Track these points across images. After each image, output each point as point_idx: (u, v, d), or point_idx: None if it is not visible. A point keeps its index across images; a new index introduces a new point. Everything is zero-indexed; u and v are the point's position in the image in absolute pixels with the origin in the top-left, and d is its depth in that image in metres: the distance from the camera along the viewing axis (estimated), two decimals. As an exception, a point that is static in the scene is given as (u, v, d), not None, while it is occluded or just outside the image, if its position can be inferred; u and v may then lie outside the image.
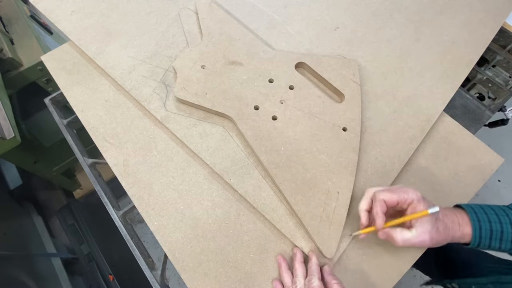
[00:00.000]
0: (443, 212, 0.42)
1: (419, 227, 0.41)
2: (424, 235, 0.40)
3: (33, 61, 0.93)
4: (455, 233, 0.42)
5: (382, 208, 0.42)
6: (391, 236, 0.42)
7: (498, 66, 0.75)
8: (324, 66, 0.61)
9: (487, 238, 0.41)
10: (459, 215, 0.43)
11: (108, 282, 1.11)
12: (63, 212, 1.28)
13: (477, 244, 0.42)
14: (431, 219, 0.41)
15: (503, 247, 0.41)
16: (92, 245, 1.19)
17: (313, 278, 0.42)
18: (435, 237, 0.41)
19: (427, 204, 0.41)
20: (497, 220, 0.41)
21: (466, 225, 0.42)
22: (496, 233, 0.41)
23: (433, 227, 0.40)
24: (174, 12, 0.71)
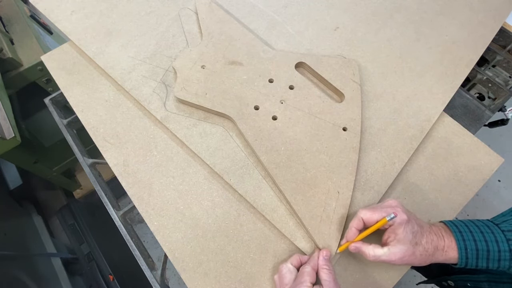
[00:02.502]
0: (429, 236, 0.42)
1: (393, 247, 0.41)
2: (394, 256, 0.41)
3: (33, 61, 0.93)
4: (437, 258, 0.42)
5: (357, 224, 0.44)
6: (363, 251, 0.43)
7: (498, 66, 0.75)
8: (324, 66, 0.61)
9: (473, 258, 0.40)
10: (446, 239, 0.42)
11: (108, 282, 1.12)
12: (63, 212, 1.28)
13: (464, 264, 0.41)
14: (410, 242, 0.41)
15: (490, 266, 0.40)
16: (92, 245, 1.19)
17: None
18: (408, 259, 0.41)
19: (411, 226, 0.41)
20: (482, 238, 0.40)
21: (451, 250, 0.41)
22: (482, 253, 0.40)
23: (407, 250, 0.40)
24: (174, 12, 0.71)
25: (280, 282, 0.43)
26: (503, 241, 0.40)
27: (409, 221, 0.41)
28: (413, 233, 0.41)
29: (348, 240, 0.45)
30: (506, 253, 0.39)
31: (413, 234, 0.41)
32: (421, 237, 0.41)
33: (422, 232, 0.42)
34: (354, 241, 0.44)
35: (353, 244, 0.44)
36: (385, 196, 0.52)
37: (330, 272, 0.42)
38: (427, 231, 0.42)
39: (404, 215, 0.42)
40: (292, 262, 0.44)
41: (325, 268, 0.42)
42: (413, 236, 0.41)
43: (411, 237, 0.41)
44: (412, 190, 0.53)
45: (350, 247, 0.44)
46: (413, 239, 0.41)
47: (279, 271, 0.44)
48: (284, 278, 0.42)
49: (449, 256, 0.41)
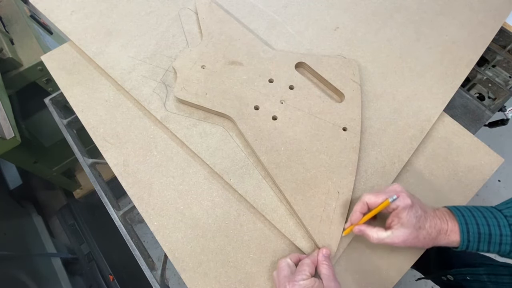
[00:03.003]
0: (433, 220, 0.42)
1: (396, 231, 0.42)
2: (397, 239, 0.42)
3: (33, 61, 0.93)
4: (440, 241, 0.42)
5: (361, 208, 0.45)
6: (366, 234, 0.44)
7: (498, 66, 0.75)
8: (324, 66, 0.61)
9: (475, 242, 0.41)
10: (450, 222, 0.42)
11: (108, 282, 1.12)
12: (63, 212, 1.28)
13: (465, 247, 0.42)
14: (413, 226, 0.41)
15: (491, 250, 0.41)
16: (92, 245, 1.19)
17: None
18: (411, 242, 0.42)
19: (415, 210, 0.42)
20: (484, 223, 0.41)
21: (453, 233, 0.42)
22: (484, 236, 0.41)
23: (411, 233, 0.41)
24: (174, 12, 0.71)
25: (278, 275, 0.42)
26: (505, 225, 0.40)
27: (413, 206, 0.42)
28: (417, 218, 0.42)
29: (352, 223, 0.46)
30: (508, 237, 0.40)
31: (416, 219, 0.42)
32: (424, 221, 0.42)
33: (425, 216, 0.42)
34: (358, 223, 0.45)
35: (357, 227, 0.45)
36: (385, 196, 0.52)
37: (329, 267, 0.42)
38: (430, 216, 0.43)
39: (408, 199, 0.42)
40: (291, 258, 0.44)
41: (325, 264, 0.42)
42: (416, 220, 0.41)
43: (414, 221, 0.41)
44: (412, 190, 0.53)
45: (354, 229, 0.45)
46: (416, 223, 0.41)
47: (278, 265, 0.44)
48: (282, 271, 0.42)
49: (451, 240, 0.42)
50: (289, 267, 0.42)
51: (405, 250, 0.49)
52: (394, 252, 0.49)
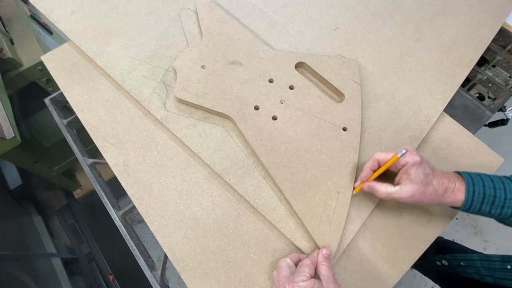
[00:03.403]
0: (440, 179, 0.44)
1: (404, 186, 0.43)
2: (404, 193, 0.43)
3: (33, 61, 0.93)
4: (445, 199, 0.44)
5: (372, 165, 0.47)
6: (376, 189, 0.46)
7: (498, 66, 0.74)
8: (324, 66, 0.61)
9: (478, 202, 0.42)
10: (457, 182, 0.44)
11: (108, 282, 1.12)
12: (63, 212, 1.28)
13: (468, 206, 0.43)
14: (421, 182, 0.43)
15: (492, 212, 0.43)
16: (92, 245, 1.19)
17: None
18: (418, 197, 0.43)
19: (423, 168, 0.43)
20: (491, 185, 0.43)
21: (460, 192, 0.43)
22: (488, 198, 0.42)
23: (418, 189, 0.43)
24: (174, 12, 0.71)
25: (278, 275, 0.43)
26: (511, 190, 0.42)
27: (421, 163, 0.43)
28: (425, 174, 0.43)
29: (362, 181, 0.48)
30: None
31: (424, 175, 0.43)
32: (432, 178, 0.43)
33: (433, 174, 0.44)
34: (368, 180, 0.47)
35: (367, 183, 0.47)
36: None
37: (329, 268, 0.42)
38: (438, 175, 0.44)
39: (417, 156, 0.44)
40: (291, 258, 0.44)
41: (324, 264, 0.42)
42: (424, 176, 0.43)
43: (422, 177, 0.43)
44: (412, 190, 0.53)
45: (364, 186, 0.47)
46: (424, 179, 0.43)
47: (278, 265, 0.44)
48: (282, 271, 0.42)
49: (457, 198, 0.43)
50: (289, 267, 0.42)
51: (405, 250, 0.49)
52: (394, 252, 0.49)
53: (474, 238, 1.40)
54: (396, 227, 0.50)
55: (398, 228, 0.50)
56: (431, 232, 0.50)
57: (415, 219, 0.51)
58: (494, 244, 1.38)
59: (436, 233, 0.50)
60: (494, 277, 0.50)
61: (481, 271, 0.52)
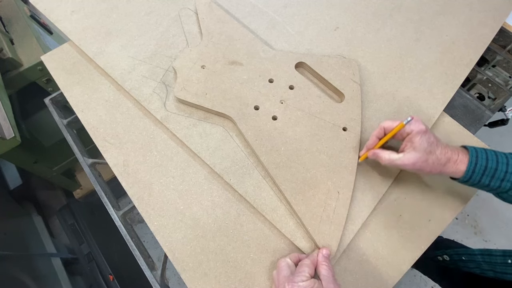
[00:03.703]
0: (444, 149, 0.44)
1: (407, 154, 0.44)
2: (407, 160, 0.44)
3: (33, 61, 0.93)
4: (447, 169, 0.44)
5: (378, 133, 0.48)
6: (379, 156, 0.47)
7: (498, 66, 0.75)
8: (324, 66, 0.61)
9: (479, 174, 0.43)
10: (461, 154, 0.44)
11: (108, 282, 1.12)
12: (63, 212, 1.28)
13: (469, 177, 0.44)
14: (425, 151, 0.44)
15: (492, 184, 0.43)
16: (92, 245, 1.19)
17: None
18: (420, 165, 0.44)
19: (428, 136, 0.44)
20: (494, 159, 0.43)
21: (462, 163, 0.44)
22: (489, 170, 0.43)
23: (421, 157, 0.43)
24: (174, 12, 0.71)
25: (278, 275, 0.42)
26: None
27: (426, 132, 0.44)
28: (429, 143, 0.44)
29: (368, 149, 0.49)
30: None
31: (428, 143, 0.44)
32: (436, 147, 0.44)
33: (437, 144, 0.45)
34: (374, 148, 0.48)
35: (372, 151, 0.48)
36: (385, 196, 0.52)
37: (329, 268, 0.42)
38: (443, 145, 0.45)
39: (422, 125, 0.45)
40: (291, 258, 0.44)
41: (324, 264, 0.42)
42: (428, 145, 0.44)
43: (426, 145, 0.44)
44: (412, 190, 0.53)
45: (369, 153, 0.49)
46: (427, 147, 0.44)
47: (278, 265, 0.44)
48: (282, 271, 0.42)
49: (459, 169, 0.44)
50: (288, 267, 0.42)
51: (405, 250, 0.49)
52: (394, 252, 0.49)
53: (474, 238, 1.40)
54: (396, 227, 0.50)
55: (398, 228, 0.50)
56: (431, 232, 0.50)
57: (415, 219, 0.51)
58: (494, 244, 1.38)
59: (436, 233, 0.50)
60: (495, 271, 0.50)
61: (482, 265, 0.52)
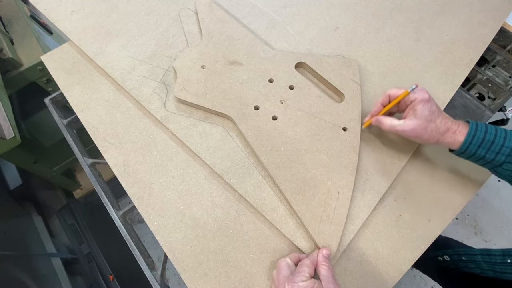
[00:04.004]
0: (444, 119, 0.46)
1: (408, 120, 0.46)
2: (407, 126, 0.46)
3: (33, 61, 0.93)
4: (445, 139, 0.46)
5: (383, 100, 0.50)
6: (382, 122, 0.49)
7: (498, 66, 0.75)
8: (324, 66, 0.61)
9: (475, 145, 0.44)
10: (461, 126, 0.45)
11: (108, 282, 1.12)
12: (63, 212, 1.28)
13: (465, 148, 0.45)
14: (425, 118, 0.45)
15: (487, 156, 0.44)
16: (92, 245, 1.19)
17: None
18: (419, 132, 0.46)
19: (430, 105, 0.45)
20: (493, 133, 0.44)
21: (461, 135, 0.45)
22: (486, 143, 0.43)
23: (421, 124, 0.45)
24: (174, 12, 0.71)
25: (278, 275, 0.42)
26: (511, 139, 0.43)
27: (429, 101, 0.46)
28: (430, 112, 0.45)
29: (372, 115, 0.52)
30: (508, 149, 0.43)
31: (429, 112, 0.45)
32: (436, 116, 0.46)
33: (439, 113, 0.46)
34: (378, 115, 0.51)
35: (375, 117, 0.51)
36: (385, 196, 0.52)
37: (329, 268, 0.42)
38: (444, 115, 0.46)
39: (426, 94, 0.46)
40: (291, 258, 0.44)
41: (324, 265, 0.42)
42: (429, 113, 0.45)
43: (427, 113, 0.45)
44: (412, 190, 0.53)
45: (372, 120, 0.51)
46: (428, 115, 0.45)
47: (278, 264, 0.44)
48: (282, 271, 0.42)
49: (457, 139, 0.45)
50: (288, 267, 0.42)
51: (405, 250, 0.49)
52: (394, 252, 0.49)
53: (474, 238, 1.40)
54: (396, 227, 0.50)
55: (398, 228, 0.50)
56: (431, 232, 0.50)
57: (415, 219, 0.51)
58: (494, 244, 1.38)
59: (436, 233, 0.50)
60: (495, 271, 0.50)
61: (482, 265, 0.53)
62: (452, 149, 0.47)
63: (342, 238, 0.48)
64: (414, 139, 0.48)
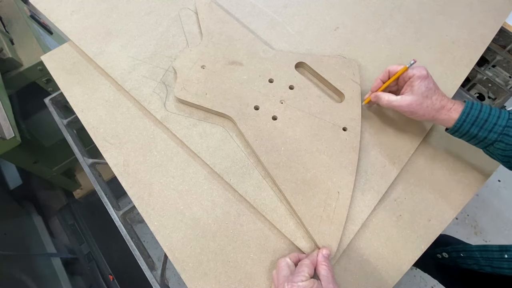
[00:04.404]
0: (440, 96, 0.47)
1: (405, 96, 0.48)
2: (403, 102, 0.48)
3: (33, 61, 0.93)
4: (440, 115, 0.47)
5: (383, 76, 0.53)
6: (380, 98, 0.51)
7: (498, 66, 0.75)
8: (324, 66, 0.61)
9: (469, 123, 0.45)
10: (456, 104, 0.46)
11: (108, 282, 1.12)
12: (63, 212, 1.28)
13: (459, 126, 0.46)
14: (422, 95, 0.47)
15: (479, 134, 0.45)
16: (92, 245, 1.19)
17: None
18: (415, 108, 0.47)
19: (427, 82, 0.47)
20: (487, 111, 0.45)
21: (455, 112, 0.46)
22: (480, 121, 0.44)
23: (417, 100, 0.47)
24: (174, 12, 0.71)
25: (278, 274, 0.42)
26: (504, 118, 0.44)
27: (426, 78, 0.47)
28: (427, 88, 0.47)
29: (372, 91, 0.54)
30: (500, 127, 0.44)
31: (426, 88, 0.47)
32: (433, 93, 0.47)
33: (435, 91, 0.47)
34: (378, 91, 0.53)
35: (374, 93, 0.53)
36: (385, 196, 0.52)
37: (329, 268, 0.42)
38: (440, 93, 0.48)
39: (424, 71, 0.48)
40: (291, 258, 0.44)
41: (324, 265, 0.42)
42: (426, 89, 0.47)
43: (423, 90, 0.47)
44: (412, 190, 0.53)
45: (372, 96, 0.53)
46: (424, 92, 0.47)
47: (277, 265, 0.44)
48: (282, 271, 0.42)
49: (451, 117, 0.46)
50: (288, 267, 0.42)
51: (405, 250, 0.49)
52: (394, 252, 0.49)
53: (474, 238, 1.40)
54: (396, 227, 0.50)
55: (398, 228, 0.50)
56: (431, 232, 0.50)
57: (415, 219, 0.51)
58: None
59: (436, 233, 0.50)
60: (492, 266, 0.50)
61: (480, 261, 0.53)
62: (447, 128, 0.49)
63: (342, 238, 0.48)
64: (410, 115, 0.49)
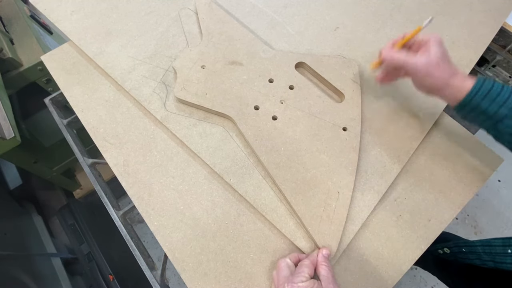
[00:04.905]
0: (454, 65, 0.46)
1: (422, 54, 0.46)
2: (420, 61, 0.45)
3: (33, 61, 0.93)
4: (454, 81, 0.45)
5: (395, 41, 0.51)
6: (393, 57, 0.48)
7: (498, 66, 0.75)
8: (324, 66, 0.61)
9: (481, 96, 0.43)
10: (468, 78, 0.45)
11: (108, 282, 1.12)
12: (63, 212, 1.28)
13: (470, 99, 0.44)
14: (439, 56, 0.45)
15: (489, 109, 0.43)
16: (92, 245, 1.19)
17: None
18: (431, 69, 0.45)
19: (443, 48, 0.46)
20: (500, 87, 0.43)
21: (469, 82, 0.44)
22: (491, 95, 0.43)
23: (434, 59, 0.45)
24: (174, 12, 0.71)
25: (278, 275, 0.42)
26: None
27: (442, 42, 0.46)
28: (442, 52, 0.45)
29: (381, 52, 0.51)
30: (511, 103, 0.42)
31: (443, 52, 0.45)
32: (449, 59, 0.46)
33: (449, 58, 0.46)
34: None
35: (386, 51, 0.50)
36: (385, 196, 0.52)
37: (329, 268, 0.42)
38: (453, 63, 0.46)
39: (439, 36, 0.46)
40: (291, 258, 0.44)
41: (324, 265, 0.42)
42: (442, 53, 0.45)
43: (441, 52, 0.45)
44: (412, 190, 0.53)
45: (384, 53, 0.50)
46: (441, 55, 0.45)
47: (278, 265, 0.44)
48: (282, 271, 0.42)
49: (465, 86, 0.44)
50: (288, 267, 0.42)
51: (405, 250, 0.49)
52: (394, 252, 0.49)
53: (474, 238, 1.39)
54: (396, 227, 0.50)
55: (398, 228, 0.50)
56: (431, 232, 0.50)
57: (415, 219, 0.51)
58: (494, 244, 1.38)
59: (436, 233, 0.50)
60: (495, 261, 0.50)
61: (482, 256, 0.52)
62: (455, 102, 0.46)
63: (342, 238, 0.48)
64: (423, 79, 0.47)
